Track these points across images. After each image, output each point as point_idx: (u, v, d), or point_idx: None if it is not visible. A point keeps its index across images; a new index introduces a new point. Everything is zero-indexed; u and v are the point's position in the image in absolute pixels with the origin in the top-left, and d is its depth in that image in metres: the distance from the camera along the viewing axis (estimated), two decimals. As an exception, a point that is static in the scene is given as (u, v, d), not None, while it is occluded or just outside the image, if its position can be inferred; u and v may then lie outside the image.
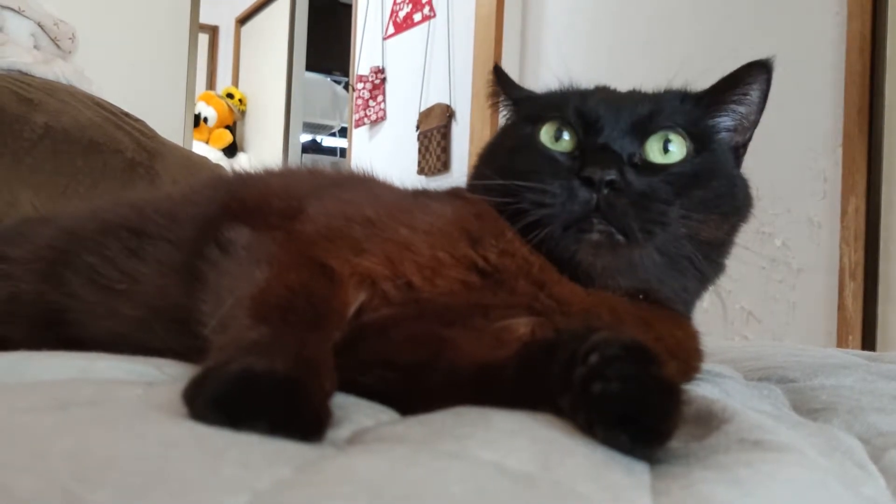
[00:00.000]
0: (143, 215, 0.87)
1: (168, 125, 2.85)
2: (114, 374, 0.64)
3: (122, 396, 0.54)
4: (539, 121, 0.81)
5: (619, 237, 0.71)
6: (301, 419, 0.45)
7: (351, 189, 0.84)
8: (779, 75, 0.82)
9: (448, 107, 4.22)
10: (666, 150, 0.76)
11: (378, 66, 5.01)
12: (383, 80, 4.97)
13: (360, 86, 5.11)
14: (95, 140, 1.95)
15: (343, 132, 6.53)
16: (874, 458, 0.59)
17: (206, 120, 6.36)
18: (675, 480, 0.44)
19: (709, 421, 0.56)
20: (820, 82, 2.32)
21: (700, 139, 0.78)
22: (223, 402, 0.44)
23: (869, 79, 2.17)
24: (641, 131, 0.76)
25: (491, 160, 0.85)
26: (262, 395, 0.45)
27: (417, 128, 4.44)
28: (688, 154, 0.76)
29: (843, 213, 2.16)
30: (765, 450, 0.48)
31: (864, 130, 2.14)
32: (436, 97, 4.34)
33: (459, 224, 0.74)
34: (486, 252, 0.72)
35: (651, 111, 0.77)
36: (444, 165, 4.18)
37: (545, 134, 0.79)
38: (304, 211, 0.75)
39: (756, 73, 0.82)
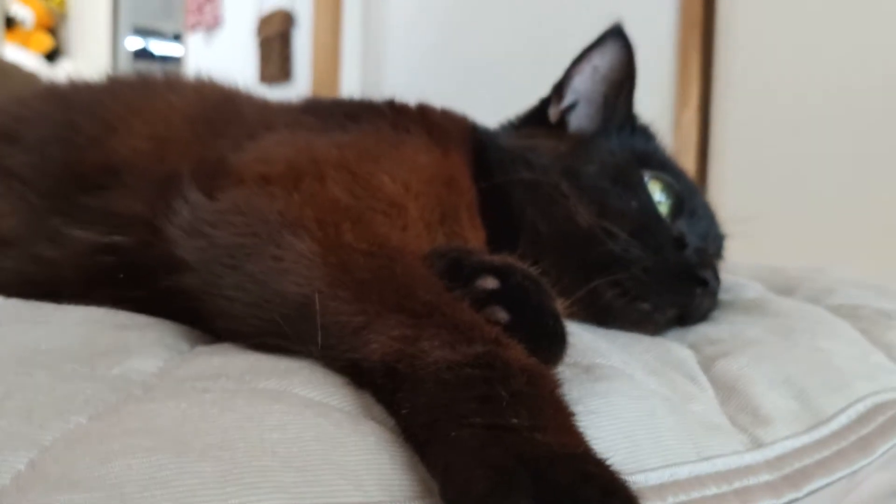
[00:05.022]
0: None
1: (-27, 26, 2.58)
2: None
3: None
4: (646, 166, 0.77)
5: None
6: None
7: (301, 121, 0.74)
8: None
9: (288, 14, 4.03)
10: None
11: (212, -34, 4.71)
12: (218, -19, 4.68)
13: (193, -14, 4.80)
14: None
15: (178, 38, 6.16)
16: (704, 368, 0.60)
17: (22, 22, 5.86)
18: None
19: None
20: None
21: None
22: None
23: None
24: (716, 248, 0.81)
25: (569, 170, 0.75)
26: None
27: (258, 34, 4.23)
28: None
29: (677, 125, 2.23)
30: (596, 379, 0.47)
31: (697, 43, 2.20)
32: (276, 1, 4.14)
33: (436, 196, 0.67)
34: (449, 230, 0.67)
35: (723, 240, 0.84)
36: (286, 74, 4.02)
37: (653, 186, 0.75)
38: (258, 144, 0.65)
39: None
